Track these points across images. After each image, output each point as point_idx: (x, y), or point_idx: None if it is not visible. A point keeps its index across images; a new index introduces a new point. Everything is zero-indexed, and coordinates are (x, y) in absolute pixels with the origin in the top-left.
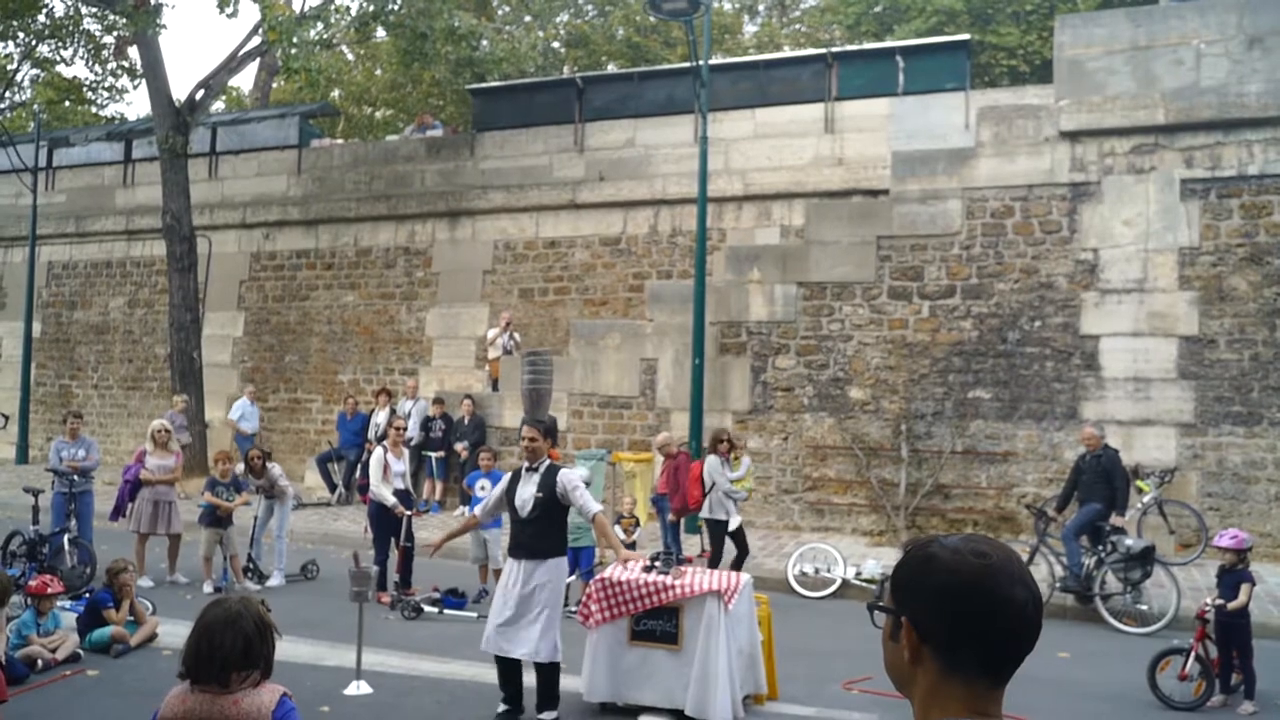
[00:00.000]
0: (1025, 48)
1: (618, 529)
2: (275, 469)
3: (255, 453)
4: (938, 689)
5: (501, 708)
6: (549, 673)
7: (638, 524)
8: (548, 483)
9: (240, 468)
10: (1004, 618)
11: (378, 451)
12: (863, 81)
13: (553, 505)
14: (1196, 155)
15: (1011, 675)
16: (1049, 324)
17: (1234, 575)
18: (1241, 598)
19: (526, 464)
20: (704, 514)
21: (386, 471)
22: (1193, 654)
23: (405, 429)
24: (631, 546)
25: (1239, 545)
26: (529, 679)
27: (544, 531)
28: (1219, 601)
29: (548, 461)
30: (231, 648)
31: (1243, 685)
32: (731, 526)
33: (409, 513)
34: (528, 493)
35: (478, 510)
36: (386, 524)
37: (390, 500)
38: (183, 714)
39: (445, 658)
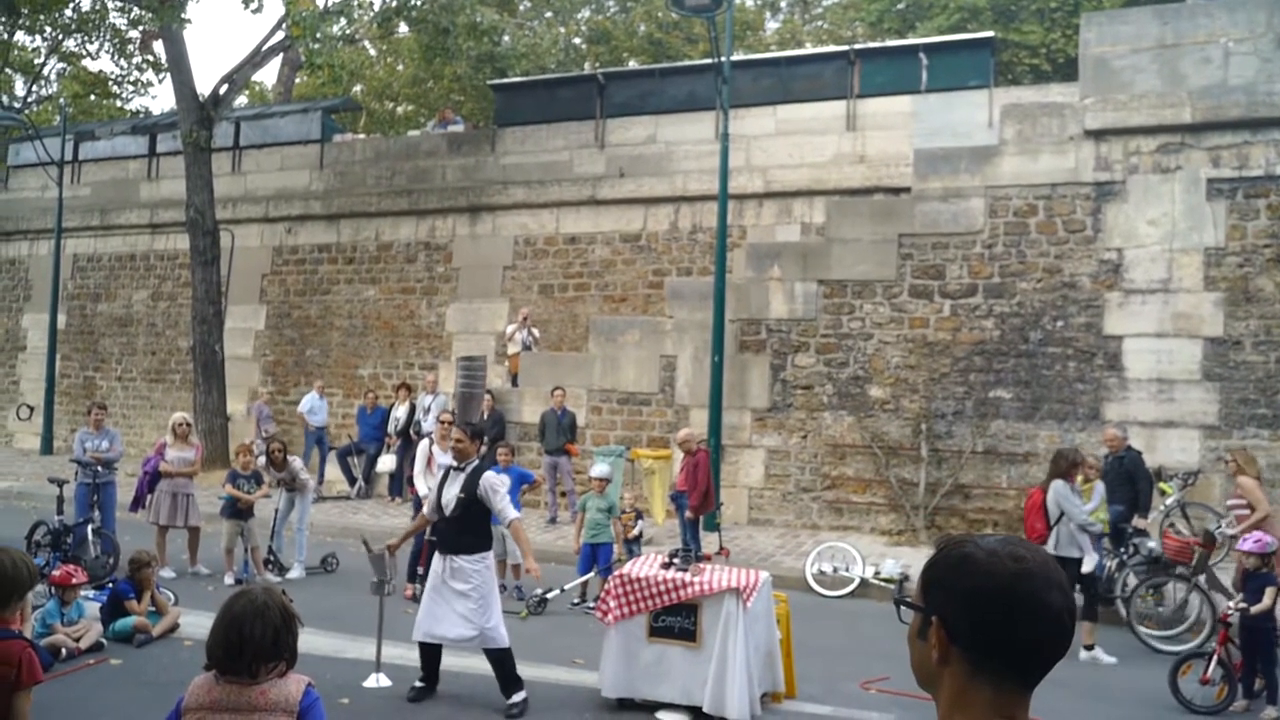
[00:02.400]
0: (1048, 45)
1: (616, 525)
2: (296, 461)
3: (276, 445)
4: (965, 691)
5: (417, 684)
6: (501, 658)
7: (639, 516)
8: (470, 484)
9: (262, 460)
10: (1038, 624)
11: (423, 443)
12: (885, 79)
13: (473, 505)
14: (1223, 155)
15: (1040, 680)
16: (1072, 324)
17: (1259, 579)
18: (1266, 601)
19: (455, 464)
20: (1050, 549)
21: (431, 463)
22: (1215, 658)
23: (452, 422)
24: (637, 540)
25: (1262, 549)
26: (448, 661)
27: (464, 529)
28: (1242, 605)
29: (475, 462)
30: (261, 639)
31: (1266, 691)
32: (1086, 567)
33: None
34: (452, 492)
35: (425, 510)
36: None
37: (423, 491)
38: (209, 704)
39: (463, 651)
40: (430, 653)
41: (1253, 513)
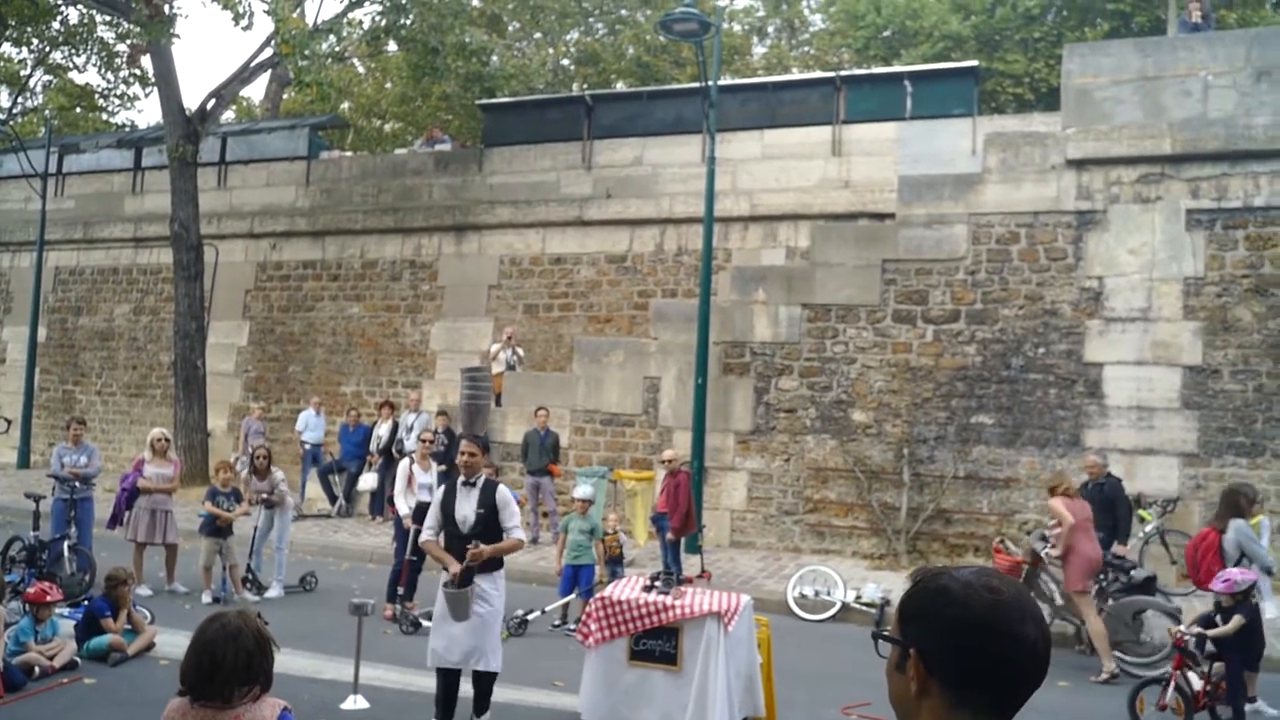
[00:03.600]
0: (1032, 75)
1: (600, 546)
2: (278, 474)
3: (261, 453)
4: None
5: None
6: (489, 681)
7: (620, 539)
8: (488, 499)
9: (244, 473)
10: (1014, 655)
11: (404, 463)
12: (870, 105)
13: (493, 521)
14: (1203, 186)
15: (1018, 711)
16: (1053, 351)
17: (1229, 612)
18: (1228, 627)
19: (463, 479)
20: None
21: (411, 483)
22: (1172, 684)
23: (433, 441)
24: (618, 560)
25: (1229, 589)
26: (425, 681)
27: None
28: (1195, 630)
29: (484, 476)
30: (234, 664)
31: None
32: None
33: (417, 526)
34: (468, 508)
35: (427, 535)
36: (407, 535)
37: (404, 511)
38: None
39: None
40: (448, 681)
41: (1061, 528)
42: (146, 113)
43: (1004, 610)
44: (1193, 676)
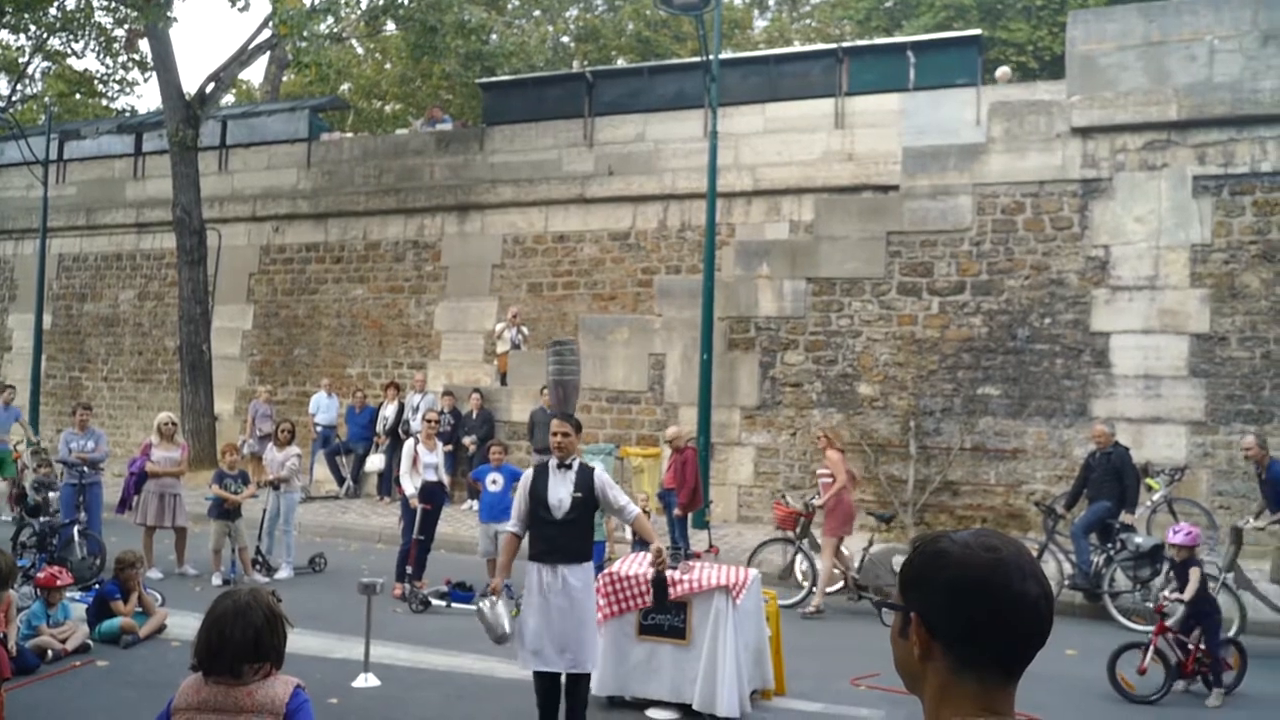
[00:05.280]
0: (1035, 43)
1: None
2: (293, 449)
3: (285, 426)
4: (949, 686)
5: None
6: (585, 686)
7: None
8: (585, 482)
9: (258, 445)
10: (1015, 613)
11: (409, 443)
12: (873, 77)
13: (590, 505)
14: (1209, 152)
15: (1023, 671)
16: (1059, 321)
17: (1183, 567)
18: (1192, 584)
19: (556, 461)
20: None
21: (416, 462)
22: (1152, 648)
23: (438, 421)
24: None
25: (1193, 542)
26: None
27: (581, 533)
28: (1175, 595)
29: (578, 459)
30: (241, 639)
31: (1210, 673)
32: None
33: (424, 505)
34: (563, 492)
35: (512, 527)
36: (414, 515)
37: (409, 491)
38: (197, 704)
39: (453, 651)
40: (548, 685)
41: (835, 482)
42: (146, 98)
43: (1003, 569)
44: (1178, 642)
